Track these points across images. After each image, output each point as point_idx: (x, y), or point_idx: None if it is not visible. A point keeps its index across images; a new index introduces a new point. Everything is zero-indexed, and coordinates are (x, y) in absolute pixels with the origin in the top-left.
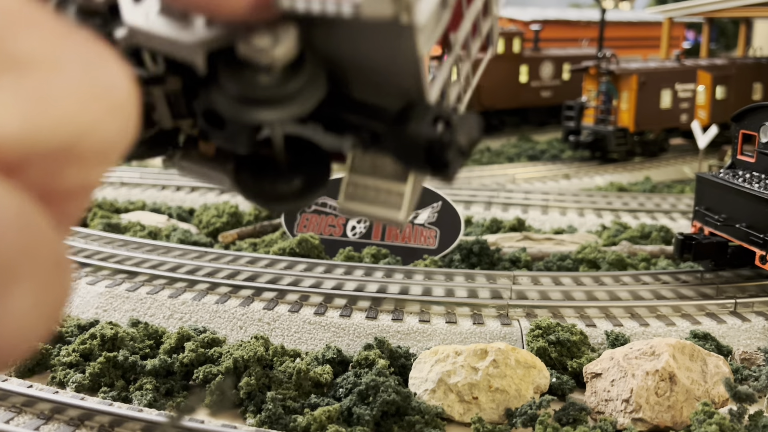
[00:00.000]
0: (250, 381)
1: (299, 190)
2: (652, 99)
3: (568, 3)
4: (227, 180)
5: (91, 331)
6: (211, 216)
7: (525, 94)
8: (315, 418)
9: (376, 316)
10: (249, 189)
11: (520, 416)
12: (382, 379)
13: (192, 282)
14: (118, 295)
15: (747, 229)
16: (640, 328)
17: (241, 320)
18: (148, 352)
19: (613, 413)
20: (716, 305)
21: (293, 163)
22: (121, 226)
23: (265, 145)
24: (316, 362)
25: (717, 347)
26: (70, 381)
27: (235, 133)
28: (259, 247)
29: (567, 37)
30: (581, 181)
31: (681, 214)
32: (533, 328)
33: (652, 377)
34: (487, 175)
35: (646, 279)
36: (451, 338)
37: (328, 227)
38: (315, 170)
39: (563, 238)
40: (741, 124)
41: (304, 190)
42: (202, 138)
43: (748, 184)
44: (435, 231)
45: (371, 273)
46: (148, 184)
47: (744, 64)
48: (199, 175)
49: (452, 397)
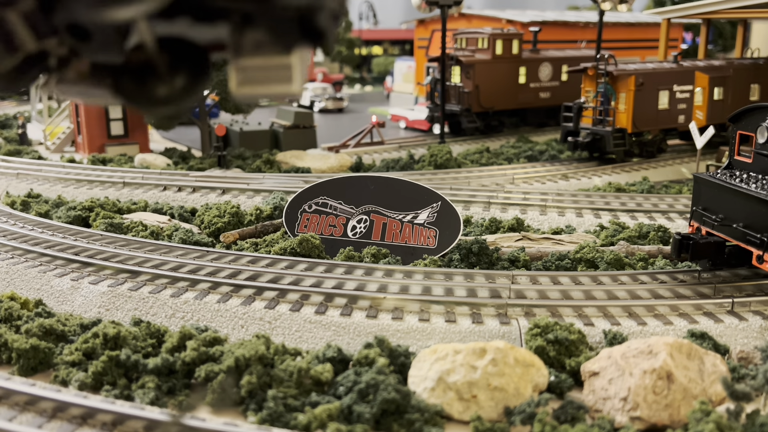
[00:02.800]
0: (251, 379)
1: (182, 90)
2: (649, 100)
3: (566, 5)
4: (108, 94)
5: (93, 330)
6: (213, 216)
7: (524, 95)
8: (315, 416)
9: (376, 315)
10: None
11: (518, 414)
12: (381, 378)
13: (194, 281)
14: (121, 295)
15: (744, 228)
16: (638, 327)
17: (242, 319)
18: (150, 351)
19: (611, 411)
20: (713, 304)
21: (171, 64)
22: (123, 226)
23: (139, 51)
24: (317, 361)
25: (714, 346)
26: (72, 379)
27: (104, 42)
28: (260, 247)
29: (565, 38)
30: (579, 181)
31: (678, 214)
32: (532, 327)
33: (650, 376)
34: (486, 176)
35: (643, 278)
36: (450, 337)
37: (329, 227)
38: (194, 68)
39: (562, 238)
40: (738, 124)
41: (187, 89)
42: (74, 56)
43: (745, 184)
44: (434, 231)
45: (371, 273)
46: (150, 185)
47: (741, 65)
48: (79, 95)
49: (451, 396)
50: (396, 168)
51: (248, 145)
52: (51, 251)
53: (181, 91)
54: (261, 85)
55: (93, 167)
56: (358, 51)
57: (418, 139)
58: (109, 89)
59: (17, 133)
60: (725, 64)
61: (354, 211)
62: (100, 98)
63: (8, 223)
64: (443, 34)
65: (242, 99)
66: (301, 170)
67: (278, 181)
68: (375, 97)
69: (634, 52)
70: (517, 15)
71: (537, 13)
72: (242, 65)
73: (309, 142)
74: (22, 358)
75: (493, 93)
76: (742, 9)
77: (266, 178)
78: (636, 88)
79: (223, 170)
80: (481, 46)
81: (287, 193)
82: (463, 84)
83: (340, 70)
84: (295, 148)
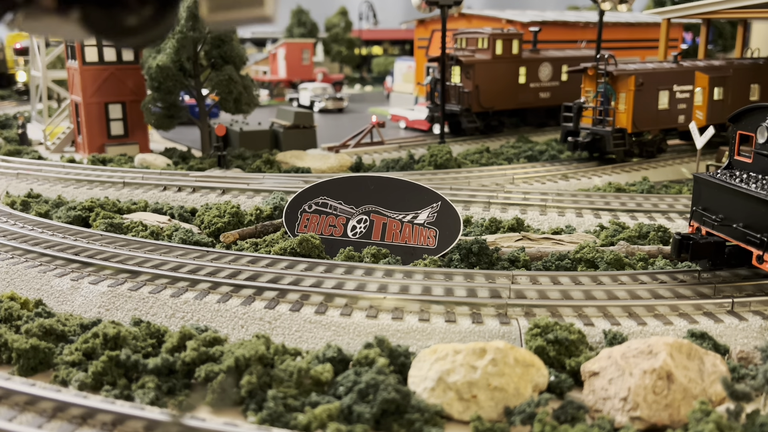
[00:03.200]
0: (251, 379)
1: (151, 18)
2: (649, 100)
3: (566, 5)
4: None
5: (93, 330)
6: (213, 216)
7: (524, 96)
8: (315, 416)
9: (376, 315)
10: (101, 28)
11: (518, 414)
12: (381, 378)
13: (194, 281)
14: (121, 295)
15: (744, 228)
16: (638, 327)
17: (242, 319)
18: (150, 351)
19: (611, 411)
20: (713, 304)
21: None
22: (123, 226)
23: None
24: (317, 361)
25: (714, 346)
26: (72, 379)
27: None
28: (261, 247)
29: (565, 38)
30: (579, 181)
31: (678, 214)
32: (532, 327)
33: (650, 376)
34: (486, 176)
35: (643, 278)
36: (450, 337)
37: (329, 227)
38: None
39: (562, 238)
40: (738, 124)
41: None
42: None
43: (745, 184)
44: (434, 231)
45: (371, 273)
46: (150, 185)
47: (741, 65)
48: (47, 30)
49: (451, 396)
50: (396, 168)
51: (248, 145)
52: (51, 251)
53: (149, 19)
54: (233, 11)
55: (93, 167)
56: (358, 51)
57: (418, 139)
58: (77, 22)
59: (17, 133)
60: (725, 64)
61: (354, 211)
62: (69, 32)
63: (8, 223)
64: (443, 34)
65: (215, 26)
66: (301, 170)
67: (278, 181)
68: (375, 97)
69: (634, 52)
70: (517, 15)
71: (537, 13)
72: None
73: (309, 142)
74: (22, 358)
75: (493, 93)
76: (742, 9)
77: (266, 178)
78: (636, 88)
79: (223, 170)
80: (481, 46)
81: (287, 193)
82: (463, 84)
83: (340, 70)
84: (295, 148)
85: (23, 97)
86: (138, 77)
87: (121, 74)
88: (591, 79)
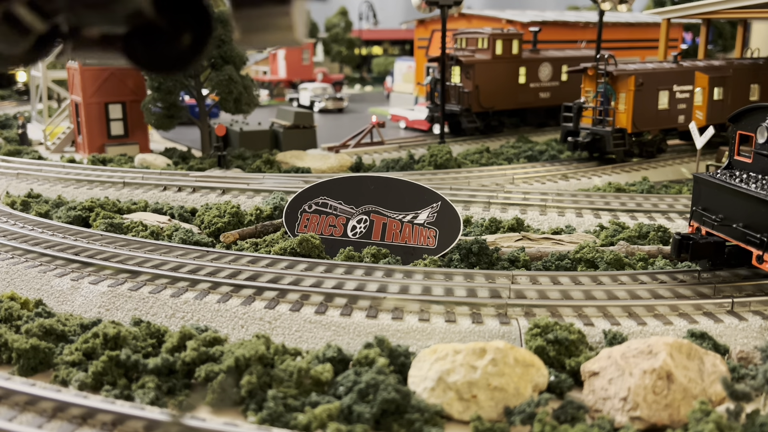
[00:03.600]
0: (251, 379)
1: (190, 47)
2: (649, 100)
3: (566, 5)
4: (122, 57)
5: (93, 330)
6: (213, 216)
7: (523, 96)
8: (315, 416)
9: (376, 315)
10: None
11: (518, 414)
12: (381, 378)
13: (194, 281)
14: (121, 295)
15: (744, 228)
16: (638, 327)
17: (242, 319)
18: (150, 351)
19: (610, 411)
20: (713, 304)
21: (173, 23)
22: (123, 226)
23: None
24: (317, 361)
25: (714, 346)
26: (72, 379)
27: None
28: (261, 247)
29: (565, 38)
30: (579, 181)
31: (678, 214)
32: (532, 327)
33: (650, 376)
34: (485, 176)
35: (643, 278)
36: (450, 337)
37: (329, 227)
38: (197, 23)
39: (561, 238)
40: (738, 125)
41: (195, 46)
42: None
43: (745, 184)
44: (434, 231)
45: (371, 273)
46: (150, 185)
47: (741, 65)
48: (96, 58)
49: (451, 396)
50: (396, 168)
51: (248, 145)
52: (51, 251)
53: (189, 48)
54: (264, 33)
55: (93, 167)
56: (358, 51)
57: (418, 139)
58: (120, 53)
59: (17, 133)
60: (725, 64)
61: (354, 211)
62: (114, 60)
63: (8, 223)
64: (443, 34)
65: (247, 46)
66: (301, 170)
67: (278, 181)
68: (375, 97)
69: (634, 52)
70: (517, 15)
71: (537, 13)
72: (242, 16)
73: (309, 142)
74: (22, 358)
75: (493, 93)
76: (742, 9)
77: (266, 178)
78: (636, 88)
79: (223, 170)
80: (481, 46)
81: (287, 193)
82: (463, 84)
83: (340, 70)
84: (295, 148)
85: (23, 97)
86: (138, 77)
87: (121, 74)
88: (591, 79)
